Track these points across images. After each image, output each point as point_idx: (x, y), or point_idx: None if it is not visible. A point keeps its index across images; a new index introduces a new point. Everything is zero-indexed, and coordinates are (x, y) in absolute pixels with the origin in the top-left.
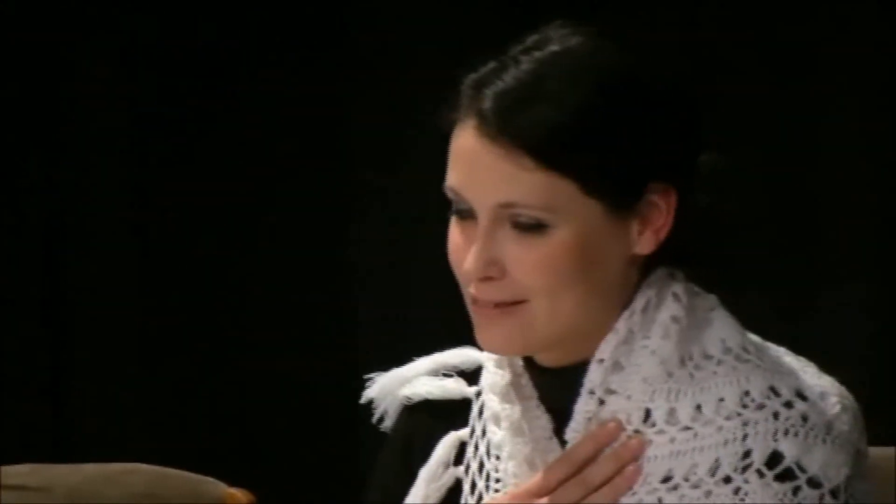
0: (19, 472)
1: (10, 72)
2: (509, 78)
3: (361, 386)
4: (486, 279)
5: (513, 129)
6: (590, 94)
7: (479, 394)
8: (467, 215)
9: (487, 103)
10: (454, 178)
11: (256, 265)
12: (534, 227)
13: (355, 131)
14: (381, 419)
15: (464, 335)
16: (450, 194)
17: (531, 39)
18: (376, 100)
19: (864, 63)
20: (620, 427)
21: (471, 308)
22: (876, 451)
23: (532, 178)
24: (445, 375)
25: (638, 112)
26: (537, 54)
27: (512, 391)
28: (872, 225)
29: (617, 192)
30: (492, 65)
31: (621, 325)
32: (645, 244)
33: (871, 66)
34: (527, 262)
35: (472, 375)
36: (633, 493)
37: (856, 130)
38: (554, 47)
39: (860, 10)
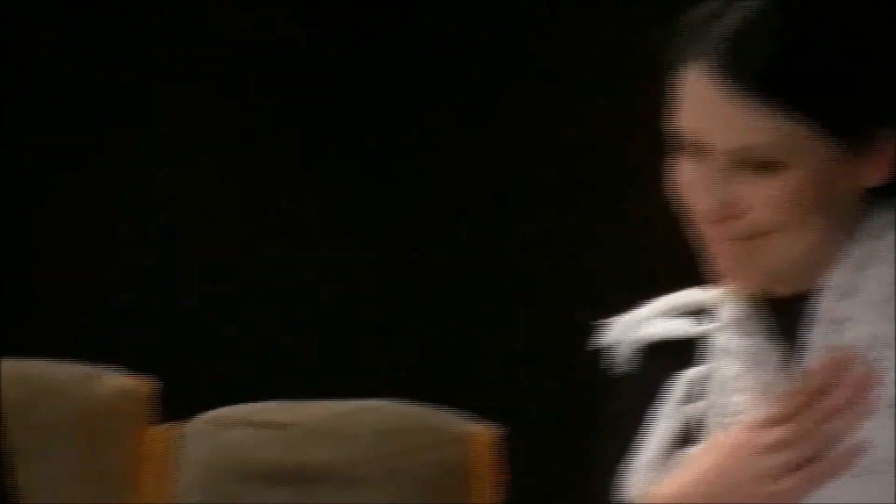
0: (267, 409)
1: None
2: (739, 17)
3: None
4: (723, 219)
5: (748, 72)
6: (829, 34)
7: (710, 332)
8: (695, 153)
9: (719, 45)
10: (686, 122)
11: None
12: (769, 166)
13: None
14: (616, 363)
15: (690, 276)
16: (676, 135)
17: None
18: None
19: None
20: (856, 355)
21: (707, 241)
22: None
23: (768, 122)
24: (677, 316)
25: (868, 54)
26: None
27: (744, 324)
28: None
29: (851, 132)
30: (714, 3)
31: (851, 253)
32: (876, 179)
33: None
34: (763, 200)
35: (702, 314)
36: (871, 419)
37: None
38: None
39: None
